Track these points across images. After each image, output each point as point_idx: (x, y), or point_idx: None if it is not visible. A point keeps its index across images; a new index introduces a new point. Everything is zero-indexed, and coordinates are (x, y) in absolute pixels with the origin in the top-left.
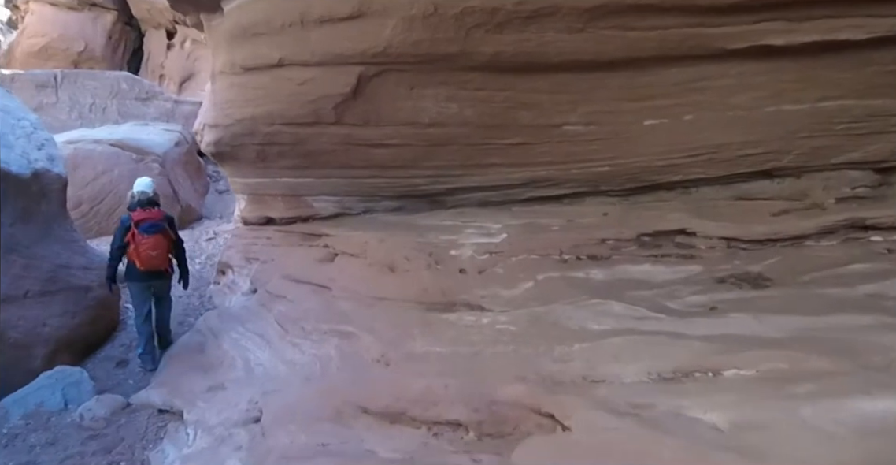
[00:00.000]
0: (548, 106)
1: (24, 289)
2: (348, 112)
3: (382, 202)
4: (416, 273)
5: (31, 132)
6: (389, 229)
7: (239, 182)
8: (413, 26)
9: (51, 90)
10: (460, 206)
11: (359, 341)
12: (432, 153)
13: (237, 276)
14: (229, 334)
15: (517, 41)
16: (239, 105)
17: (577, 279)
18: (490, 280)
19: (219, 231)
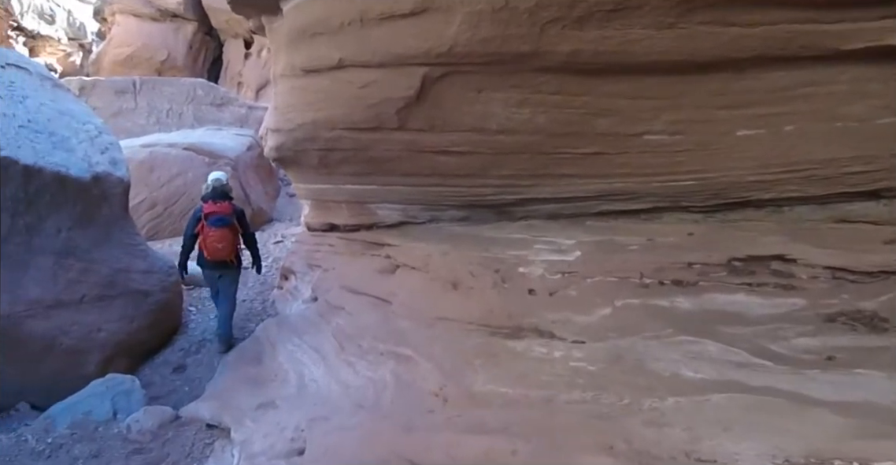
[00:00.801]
0: (628, 112)
1: (81, 294)
2: (412, 117)
3: (448, 212)
4: (481, 292)
5: (95, 136)
6: (454, 242)
7: (303, 188)
8: (481, 22)
9: (130, 96)
10: (529, 217)
11: (416, 368)
12: (501, 162)
13: (299, 282)
14: (286, 346)
15: (598, 39)
16: (300, 109)
17: (661, 308)
18: (562, 304)
19: (287, 234)
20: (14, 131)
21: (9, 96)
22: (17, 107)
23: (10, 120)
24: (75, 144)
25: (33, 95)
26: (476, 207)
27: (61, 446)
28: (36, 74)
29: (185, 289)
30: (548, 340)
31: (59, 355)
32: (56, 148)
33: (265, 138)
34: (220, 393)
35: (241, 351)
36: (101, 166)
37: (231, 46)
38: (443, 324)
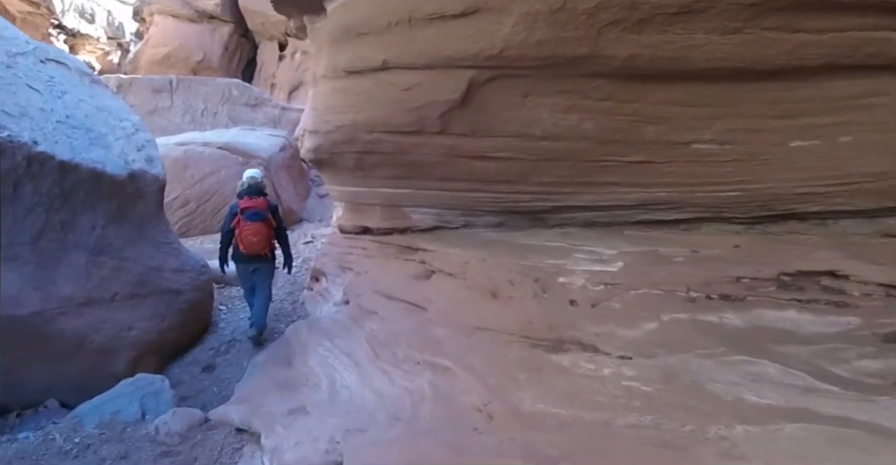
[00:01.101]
0: (679, 121)
1: (112, 292)
2: (455, 121)
3: (483, 217)
4: (520, 301)
5: (132, 133)
6: (490, 248)
7: (336, 190)
8: (536, 24)
9: (166, 95)
10: (564, 225)
11: (455, 380)
12: (542, 168)
13: (330, 284)
14: (317, 350)
15: (658, 43)
16: (339, 111)
17: (710, 324)
18: (605, 316)
19: (317, 235)
20: (52, 127)
21: (48, 91)
22: (55, 102)
23: (48, 115)
24: (112, 140)
25: (72, 90)
26: (511, 213)
27: (89, 446)
28: (75, 70)
29: (216, 287)
30: (592, 354)
31: (89, 353)
32: (93, 144)
33: (301, 140)
34: (249, 396)
35: (270, 353)
36: (137, 164)
37: (265, 48)
38: (481, 334)
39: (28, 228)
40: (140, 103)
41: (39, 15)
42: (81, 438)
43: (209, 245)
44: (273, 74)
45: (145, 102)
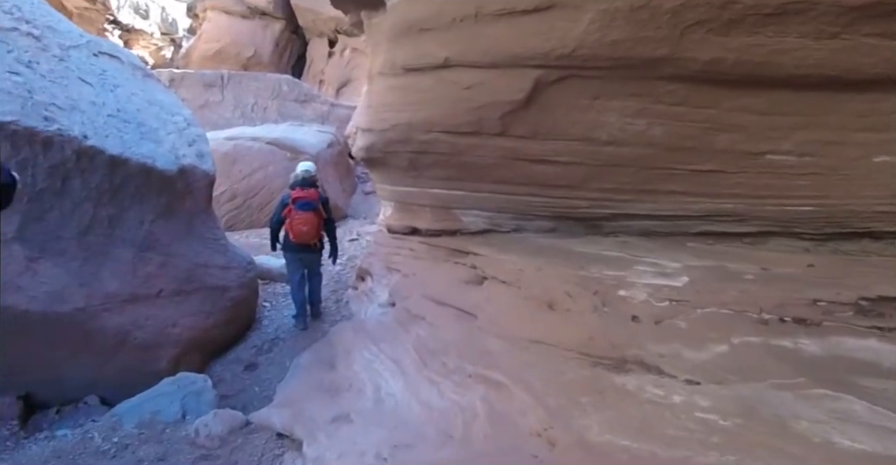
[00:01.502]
0: (755, 130)
1: (158, 288)
2: (516, 123)
3: (535, 222)
4: (579, 315)
5: (183, 128)
6: (545, 255)
7: (387, 189)
8: (614, 22)
9: (217, 89)
10: (619, 233)
11: (511, 398)
12: (603, 174)
13: (376, 285)
14: (362, 353)
15: (745, 46)
16: (396, 109)
17: (785, 350)
18: (670, 335)
19: (362, 232)
20: (103, 120)
21: (100, 84)
22: (107, 95)
23: (99, 108)
24: (163, 135)
25: (124, 84)
26: (565, 219)
27: (127, 446)
28: (128, 64)
29: (261, 283)
30: (657, 377)
31: (132, 349)
32: (144, 139)
33: (353, 137)
34: (291, 400)
35: (314, 353)
36: (187, 159)
37: (315, 45)
38: (537, 348)
39: (75, 223)
40: (191, 98)
41: (95, 10)
42: (120, 438)
43: (255, 240)
44: (322, 71)
45: (196, 97)
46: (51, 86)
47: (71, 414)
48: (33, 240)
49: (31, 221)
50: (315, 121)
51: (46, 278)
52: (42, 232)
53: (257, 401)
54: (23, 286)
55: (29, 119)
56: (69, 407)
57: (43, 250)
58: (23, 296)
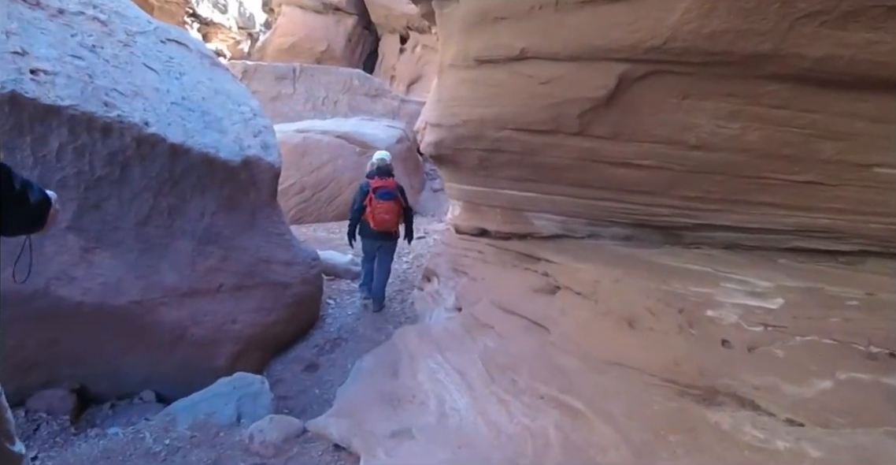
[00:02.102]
0: (865, 139)
1: (218, 283)
2: (596, 122)
3: (611, 228)
4: (663, 336)
5: (249, 119)
6: (623, 266)
7: (455, 188)
8: (714, 12)
9: (289, 82)
10: (701, 244)
11: (589, 429)
12: (689, 181)
13: (442, 287)
14: (426, 362)
15: (864, 43)
16: (467, 104)
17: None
18: (766, 365)
19: (429, 230)
20: (166, 108)
21: (165, 71)
22: (172, 83)
23: (162, 96)
24: (228, 125)
25: (191, 72)
26: (643, 226)
27: (178, 449)
28: (196, 51)
29: (326, 279)
30: (753, 413)
31: (189, 345)
32: (208, 128)
33: (422, 133)
34: (351, 408)
35: (376, 357)
36: (252, 150)
37: (387, 41)
38: (617, 371)
39: (133, 213)
40: (263, 89)
41: (176, 4)
42: (172, 439)
43: (321, 234)
44: (393, 67)
45: (269, 89)
46: (114, 71)
47: (125, 410)
48: (89, 230)
49: (87, 210)
50: (385, 116)
51: (102, 269)
52: (98, 221)
53: (316, 404)
54: (77, 277)
55: (88, 104)
56: (124, 402)
57: (99, 241)
58: (77, 287)
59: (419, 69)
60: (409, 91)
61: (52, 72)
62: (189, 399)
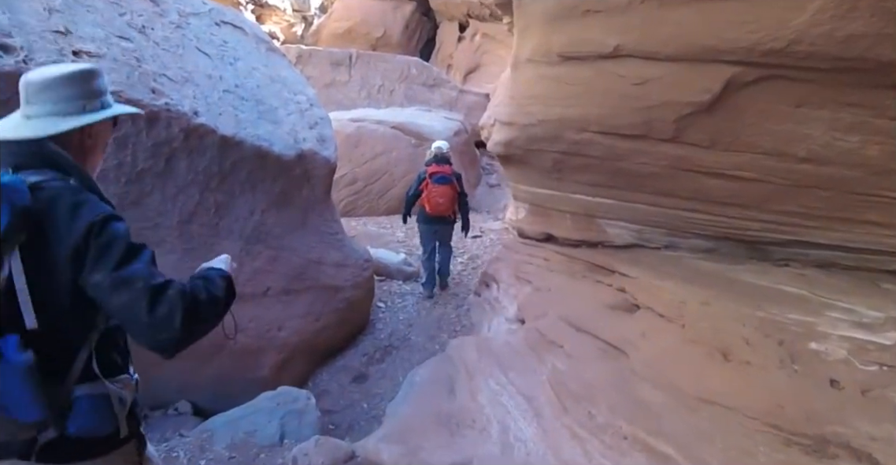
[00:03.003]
0: None
1: (265, 286)
2: (693, 128)
3: (691, 240)
4: (762, 371)
5: (306, 109)
6: (710, 286)
7: (522, 190)
8: (853, 13)
9: (344, 69)
10: (791, 261)
11: None
12: (790, 196)
13: (502, 294)
14: (487, 382)
15: None
16: (546, 103)
17: None
18: (884, 412)
19: (486, 229)
20: (217, 96)
21: (218, 57)
22: (225, 69)
23: (215, 83)
24: (283, 116)
25: (246, 57)
26: (726, 239)
27: None
28: (252, 36)
29: (377, 280)
30: None
31: (231, 354)
32: (261, 119)
33: (488, 129)
34: (404, 430)
35: (430, 371)
36: (307, 143)
37: (445, 28)
38: (711, 410)
39: (178, 210)
40: (318, 75)
41: None
42: (208, 460)
43: (372, 228)
44: (451, 55)
45: (323, 75)
46: (163, 55)
47: (158, 423)
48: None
49: (126, 207)
50: (442, 107)
51: None
52: (139, 219)
53: (364, 421)
54: None
55: (134, 91)
56: (158, 413)
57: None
58: None
59: (477, 58)
60: (466, 81)
61: (96, 54)
62: (228, 415)
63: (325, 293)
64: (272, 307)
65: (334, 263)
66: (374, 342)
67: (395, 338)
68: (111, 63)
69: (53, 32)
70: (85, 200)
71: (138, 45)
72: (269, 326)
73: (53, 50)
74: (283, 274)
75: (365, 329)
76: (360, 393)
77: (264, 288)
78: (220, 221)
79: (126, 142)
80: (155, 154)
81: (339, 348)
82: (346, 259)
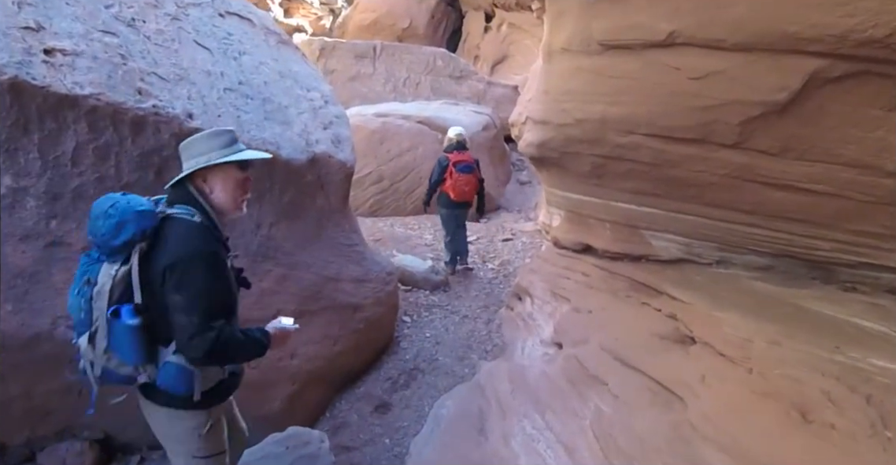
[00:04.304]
0: None
1: (274, 309)
2: (761, 133)
3: (746, 256)
4: (850, 440)
5: (319, 107)
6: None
7: (557, 195)
8: None
9: (369, 61)
10: (857, 284)
11: None
12: (870, 214)
13: (536, 310)
14: (522, 424)
15: None
16: (584, 99)
17: None
18: None
19: (517, 231)
20: (217, 95)
21: (221, 51)
22: (228, 64)
23: (215, 80)
24: (294, 115)
25: (253, 51)
26: (785, 256)
27: None
28: (260, 27)
29: (402, 290)
30: None
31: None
32: (268, 119)
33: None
34: None
35: (459, 403)
36: (321, 145)
37: (471, 19)
38: None
39: None
40: (342, 69)
41: None
42: None
43: (399, 229)
44: (477, 46)
45: (347, 68)
46: (155, 50)
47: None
48: None
49: None
50: (470, 99)
51: None
52: None
53: (386, 460)
54: None
55: (116, 92)
56: (157, 454)
57: None
58: None
59: (504, 49)
60: (493, 72)
61: (72, 52)
62: None
63: (343, 313)
64: None
65: (353, 278)
66: (398, 365)
67: (421, 359)
68: (90, 61)
69: (22, 29)
70: (188, 234)
71: (125, 40)
72: (280, 354)
73: (20, 49)
74: (294, 294)
75: (388, 349)
76: (382, 426)
77: (273, 311)
78: None
79: (108, 152)
80: (142, 165)
81: (359, 372)
82: (366, 274)
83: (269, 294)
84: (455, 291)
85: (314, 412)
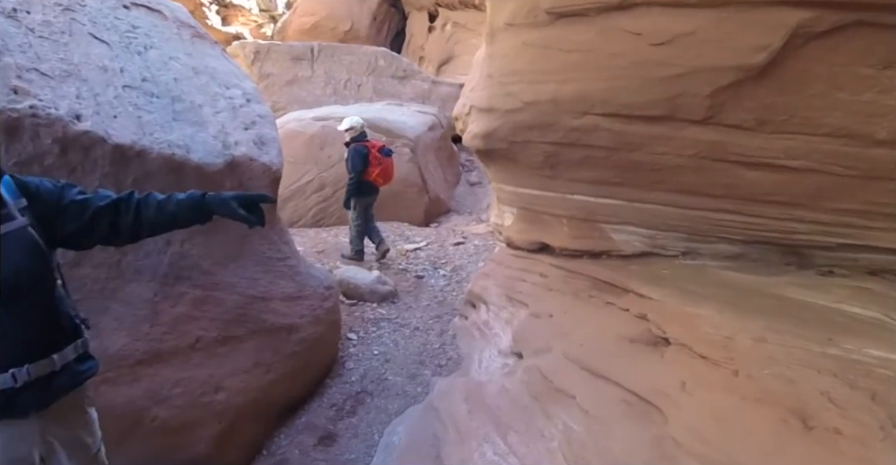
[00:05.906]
0: None
1: (192, 337)
2: (734, 104)
3: (715, 245)
4: (859, 446)
5: (240, 105)
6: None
7: (507, 190)
8: None
9: (307, 63)
10: (836, 266)
11: None
12: (853, 190)
13: (492, 318)
14: (482, 449)
15: None
16: (533, 79)
17: None
18: None
19: (469, 234)
20: (114, 93)
21: (122, 45)
22: (130, 59)
23: (112, 77)
24: (209, 114)
25: (162, 45)
26: (757, 243)
27: None
28: (172, 20)
29: (347, 303)
30: None
31: (151, 433)
32: (178, 120)
33: (464, 120)
34: None
35: (411, 428)
36: (241, 148)
37: (415, 19)
38: None
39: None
40: (278, 72)
41: None
42: None
43: (344, 239)
44: (422, 47)
45: (284, 72)
46: (39, 44)
47: None
48: None
49: None
50: (414, 100)
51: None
52: None
53: None
54: None
55: None
56: None
57: None
58: None
59: (450, 49)
60: (440, 73)
61: None
62: None
63: (275, 336)
64: (204, 364)
65: (285, 296)
66: (343, 389)
67: (369, 380)
68: None
69: None
70: None
71: (1, 33)
72: (203, 389)
73: None
74: (215, 319)
75: (332, 372)
76: (328, 460)
77: (192, 340)
78: (123, 259)
79: None
80: None
81: (299, 401)
82: (300, 290)
83: (185, 321)
84: (404, 301)
85: (249, 452)
